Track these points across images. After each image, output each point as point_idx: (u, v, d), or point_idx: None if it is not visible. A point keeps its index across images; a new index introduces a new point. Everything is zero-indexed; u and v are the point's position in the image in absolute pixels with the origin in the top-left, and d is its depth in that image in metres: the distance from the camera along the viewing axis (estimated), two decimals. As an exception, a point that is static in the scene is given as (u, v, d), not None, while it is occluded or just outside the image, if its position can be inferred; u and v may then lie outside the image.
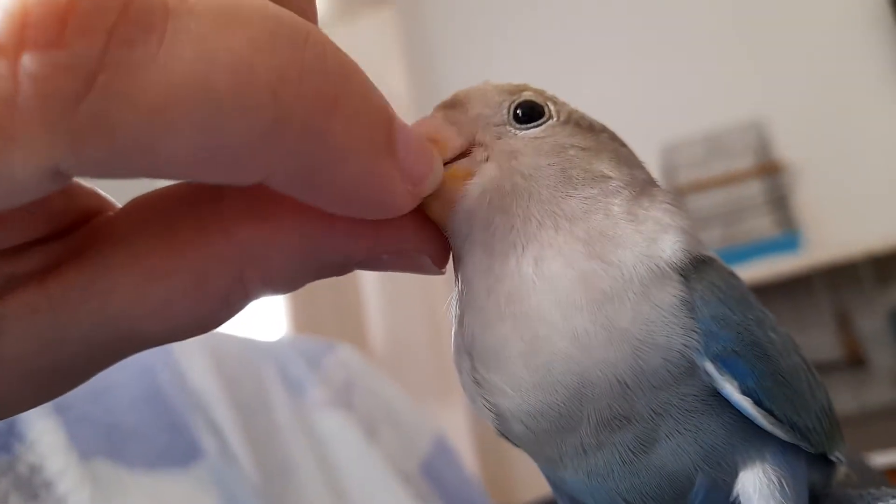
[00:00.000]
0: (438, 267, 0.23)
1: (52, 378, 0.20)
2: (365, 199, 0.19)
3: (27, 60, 0.14)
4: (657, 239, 0.23)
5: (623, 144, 0.27)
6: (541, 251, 0.23)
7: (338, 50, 0.17)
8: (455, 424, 1.56)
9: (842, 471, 0.33)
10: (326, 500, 0.61)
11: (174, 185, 0.21)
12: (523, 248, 0.23)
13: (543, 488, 0.31)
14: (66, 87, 0.14)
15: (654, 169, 0.27)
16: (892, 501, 0.26)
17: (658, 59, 2.10)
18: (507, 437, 0.26)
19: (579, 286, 0.22)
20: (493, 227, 0.23)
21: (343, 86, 0.17)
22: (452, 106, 0.25)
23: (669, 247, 0.23)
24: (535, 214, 0.23)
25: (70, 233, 0.20)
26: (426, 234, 0.23)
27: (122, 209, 0.20)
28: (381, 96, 0.19)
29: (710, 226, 1.88)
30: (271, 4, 0.16)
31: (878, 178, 1.90)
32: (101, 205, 0.21)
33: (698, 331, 0.22)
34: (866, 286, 1.82)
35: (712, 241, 1.82)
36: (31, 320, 0.18)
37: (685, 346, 0.22)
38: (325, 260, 0.21)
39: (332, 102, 0.16)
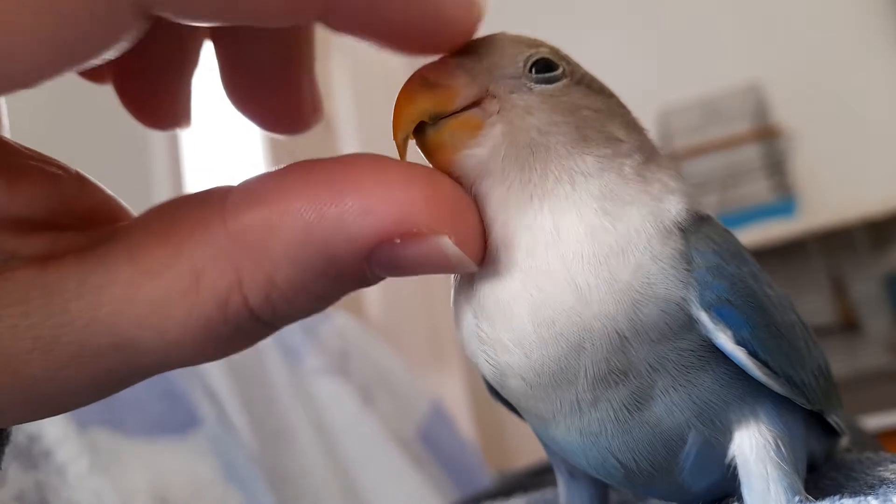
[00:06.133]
0: (473, 260, 0.21)
1: (47, 386, 0.18)
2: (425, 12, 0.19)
3: None
4: (663, 199, 0.24)
5: (629, 112, 0.27)
6: (556, 205, 0.23)
7: None
8: (451, 391, 1.57)
9: (843, 442, 0.32)
10: (324, 465, 0.61)
11: (188, 195, 0.20)
12: (540, 202, 0.23)
13: (539, 454, 0.31)
14: None
15: (651, 134, 0.27)
16: (891, 466, 0.26)
17: (654, 23, 2.08)
18: (498, 398, 0.27)
19: (588, 241, 0.22)
20: (508, 180, 0.23)
21: None
22: (465, 53, 0.24)
23: (674, 206, 0.24)
24: (553, 169, 0.23)
25: (81, 229, 0.20)
26: (443, 207, 0.19)
27: (137, 217, 0.20)
28: None
29: (707, 191, 1.87)
30: None
31: (873, 144, 1.89)
32: (116, 209, 0.21)
33: (694, 282, 0.23)
34: (861, 251, 1.83)
35: (709, 207, 1.80)
36: (22, 309, 0.18)
37: (682, 298, 0.22)
38: (335, 255, 0.19)
39: None
